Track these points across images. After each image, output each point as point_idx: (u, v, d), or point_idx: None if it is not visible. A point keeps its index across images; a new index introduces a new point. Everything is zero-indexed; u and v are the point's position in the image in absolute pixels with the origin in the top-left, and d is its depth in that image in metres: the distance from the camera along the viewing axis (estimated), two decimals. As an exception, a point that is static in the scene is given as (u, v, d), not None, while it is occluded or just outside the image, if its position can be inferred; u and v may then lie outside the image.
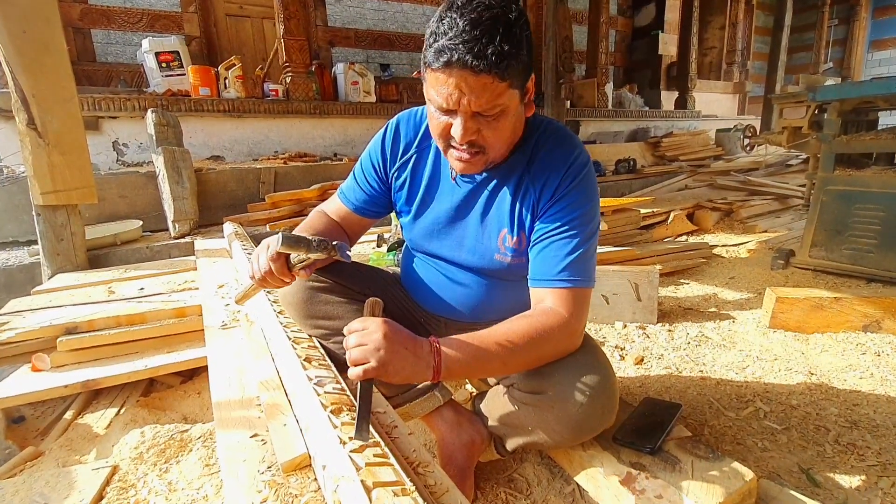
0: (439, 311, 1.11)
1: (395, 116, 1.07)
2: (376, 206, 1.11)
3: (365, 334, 0.75)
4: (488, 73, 0.74)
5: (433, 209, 1.02)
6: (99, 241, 2.58)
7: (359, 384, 0.74)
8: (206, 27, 5.31)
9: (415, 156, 1.03)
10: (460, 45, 0.73)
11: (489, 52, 0.73)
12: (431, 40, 0.77)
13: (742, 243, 3.31)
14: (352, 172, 1.12)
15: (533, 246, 0.92)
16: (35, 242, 2.32)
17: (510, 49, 0.74)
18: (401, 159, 1.04)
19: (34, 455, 1.30)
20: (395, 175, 1.06)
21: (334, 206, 1.14)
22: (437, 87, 0.78)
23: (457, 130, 0.81)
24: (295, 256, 0.89)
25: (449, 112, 0.81)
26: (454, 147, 0.85)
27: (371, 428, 0.74)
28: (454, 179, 0.99)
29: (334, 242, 0.85)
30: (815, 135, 3.09)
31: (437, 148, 0.98)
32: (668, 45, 7.98)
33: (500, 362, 0.82)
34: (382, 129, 1.07)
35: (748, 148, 6.13)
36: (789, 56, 8.41)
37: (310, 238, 0.84)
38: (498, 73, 0.75)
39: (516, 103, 0.82)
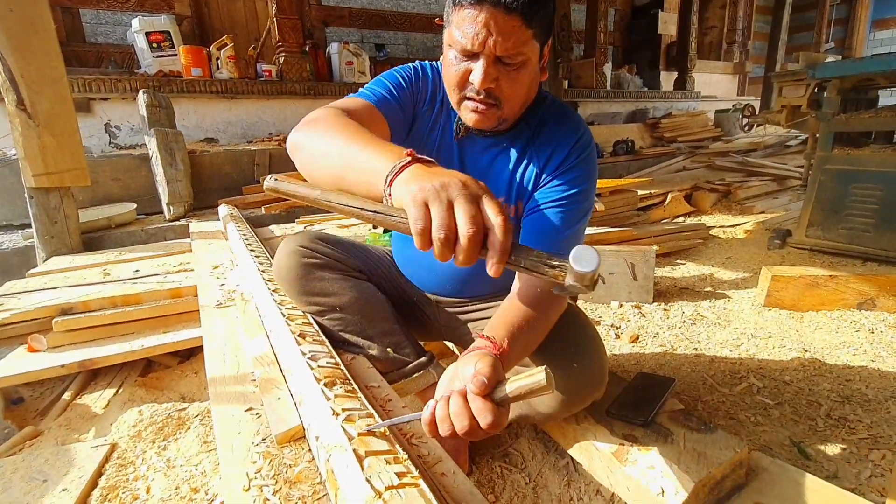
0: (430, 288, 1.11)
1: (415, 63, 0.98)
2: (397, 117, 0.93)
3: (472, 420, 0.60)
4: (519, 14, 0.73)
5: None
6: (93, 223, 2.57)
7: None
8: (198, 6, 5.20)
9: (430, 114, 0.97)
10: None
11: None
12: None
13: (739, 224, 3.31)
14: (372, 84, 0.94)
15: (527, 215, 0.91)
16: (29, 226, 2.30)
17: None
18: (423, 106, 0.97)
19: (33, 434, 1.31)
20: (420, 118, 0.96)
21: (353, 105, 0.88)
22: (464, 27, 0.76)
23: (477, 75, 0.78)
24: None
25: (471, 56, 0.79)
26: (469, 98, 0.83)
27: (364, 399, 0.75)
28: (458, 139, 0.95)
29: None
30: (814, 113, 3.06)
31: (445, 114, 0.96)
32: (667, 24, 7.85)
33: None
34: (409, 66, 0.97)
35: (746, 127, 6.07)
36: (790, 36, 8.29)
37: None
38: (527, 18, 0.74)
39: (536, 59, 0.82)
